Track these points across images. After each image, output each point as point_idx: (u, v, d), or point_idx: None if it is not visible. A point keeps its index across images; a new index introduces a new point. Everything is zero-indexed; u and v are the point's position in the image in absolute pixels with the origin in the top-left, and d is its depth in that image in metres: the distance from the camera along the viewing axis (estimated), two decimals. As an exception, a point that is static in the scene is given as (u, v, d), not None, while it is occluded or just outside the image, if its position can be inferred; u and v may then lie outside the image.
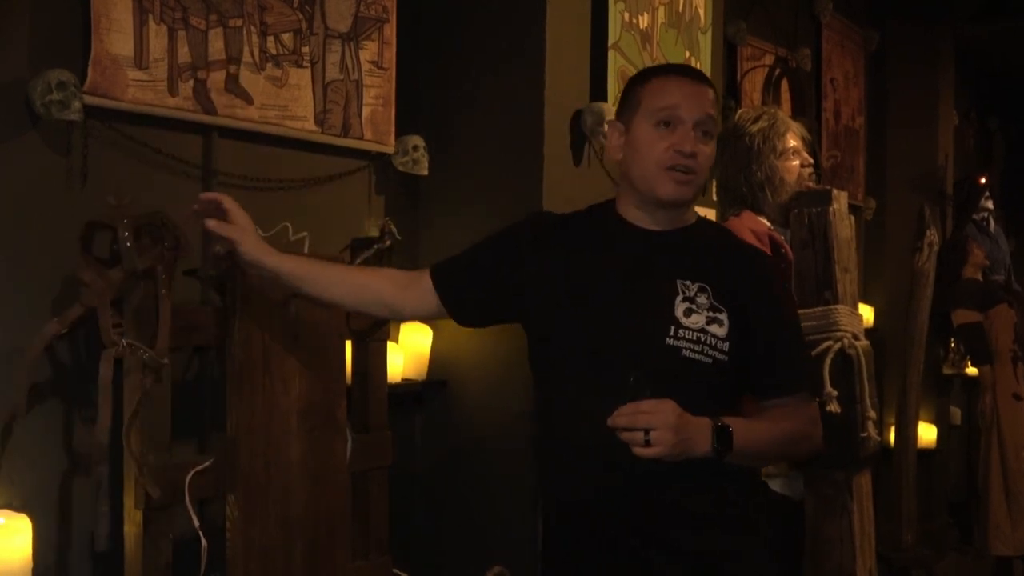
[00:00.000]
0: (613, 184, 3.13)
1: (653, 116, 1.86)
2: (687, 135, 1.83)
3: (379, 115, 2.82)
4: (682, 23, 3.45)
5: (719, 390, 1.84)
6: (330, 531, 2.35)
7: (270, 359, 2.23)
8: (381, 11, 2.83)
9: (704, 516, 1.84)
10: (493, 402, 2.94)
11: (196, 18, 2.38)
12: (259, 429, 2.21)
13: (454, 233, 2.99)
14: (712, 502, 1.84)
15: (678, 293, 1.83)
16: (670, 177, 1.84)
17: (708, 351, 1.80)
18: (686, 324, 1.80)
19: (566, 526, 1.92)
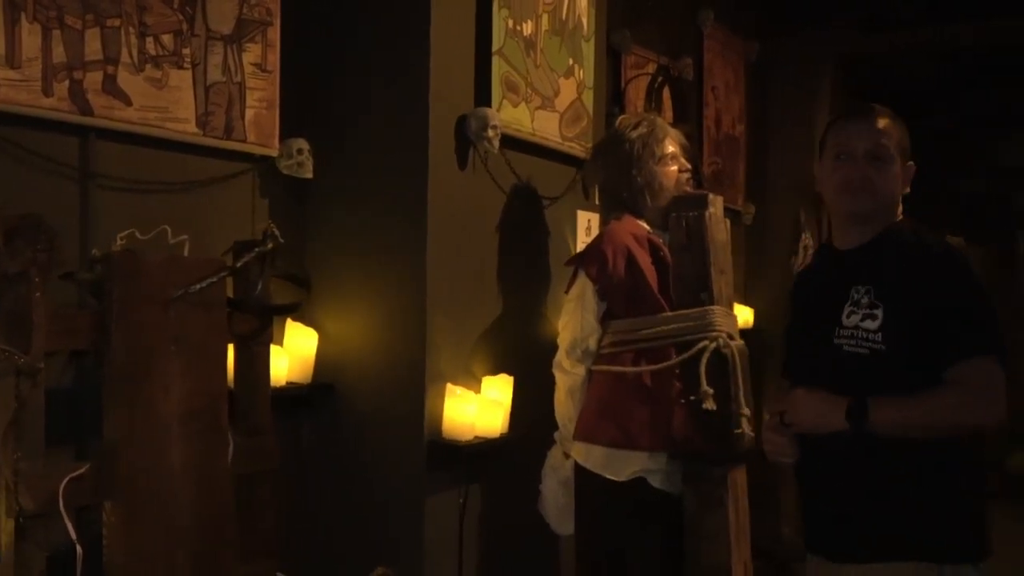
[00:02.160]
0: (497, 187, 3.18)
1: (832, 151, 2.24)
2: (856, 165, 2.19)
3: (263, 118, 2.80)
4: (565, 31, 3.50)
5: (885, 374, 2.07)
6: (215, 535, 2.32)
7: (150, 363, 2.20)
8: (265, 14, 2.81)
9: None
10: (379, 405, 2.94)
11: (72, 17, 2.33)
12: (139, 434, 2.17)
13: (341, 236, 3.00)
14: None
15: (848, 298, 2.14)
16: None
17: (863, 344, 2.09)
18: (846, 324, 2.12)
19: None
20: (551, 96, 3.42)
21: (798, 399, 2.16)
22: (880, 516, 2.10)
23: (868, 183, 2.18)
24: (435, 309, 2.92)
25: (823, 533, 2.21)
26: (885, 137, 2.20)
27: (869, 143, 2.19)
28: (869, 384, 2.08)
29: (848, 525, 2.14)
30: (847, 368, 2.11)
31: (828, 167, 2.24)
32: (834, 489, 2.16)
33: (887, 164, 2.20)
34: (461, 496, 3.02)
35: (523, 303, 3.31)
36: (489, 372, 3.11)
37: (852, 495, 2.14)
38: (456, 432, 2.92)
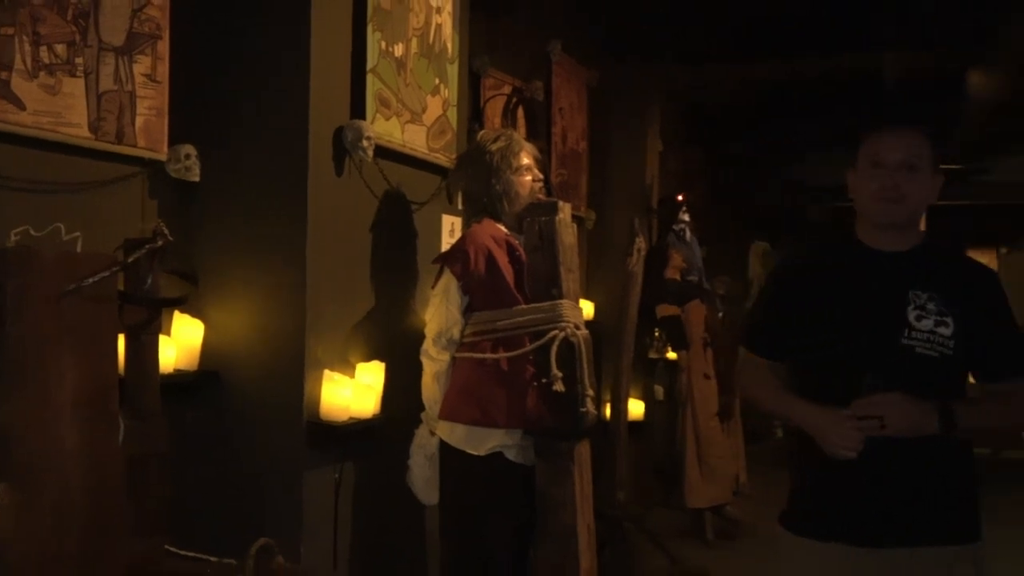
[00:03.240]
0: (371, 193, 3.13)
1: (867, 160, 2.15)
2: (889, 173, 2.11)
3: (152, 124, 2.68)
4: (432, 54, 3.48)
5: (950, 377, 2.06)
6: (106, 514, 2.20)
7: (44, 354, 2.07)
8: (155, 28, 2.69)
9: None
10: (261, 390, 2.85)
11: (-33, 25, 2.19)
12: (33, 420, 2.04)
13: (226, 235, 2.90)
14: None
15: (909, 302, 2.06)
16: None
17: (936, 348, 2.03)
18: (917, 327, 2.04)
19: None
20: (419, 111, 3.38)
21: (895, 405, 2.00)
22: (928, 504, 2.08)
23: (899, 192, 2.10)
24: (313, 302, 2.85)
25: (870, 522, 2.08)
26: (918, 146, 2.12)
27: (902, 153, 2.10)
28: (937, 385, 2.05)
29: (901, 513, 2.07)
30: (920, 369, 2.04)
31: (864, 174, 2.14)
32: (891, 483, 2.07)
33: (918, 173, 2.11)
34: (337, 472, 2.96)
35: (393, 297, 3.27)
36: (363, 359, 3.06)
37: (906, 487, 2.07)
38: (332, 414, 2.86)
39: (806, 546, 2.14)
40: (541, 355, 2.91)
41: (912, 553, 2.04)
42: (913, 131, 2.14)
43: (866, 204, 2.15)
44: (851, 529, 2.08)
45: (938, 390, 2.04)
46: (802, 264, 2.35)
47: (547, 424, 2.91)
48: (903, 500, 2.07)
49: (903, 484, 2.07)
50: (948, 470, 2.10)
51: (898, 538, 2.06)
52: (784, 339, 2.24)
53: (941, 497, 2.08)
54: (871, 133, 2.17)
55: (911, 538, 2.05)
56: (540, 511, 2.98)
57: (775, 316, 2.30)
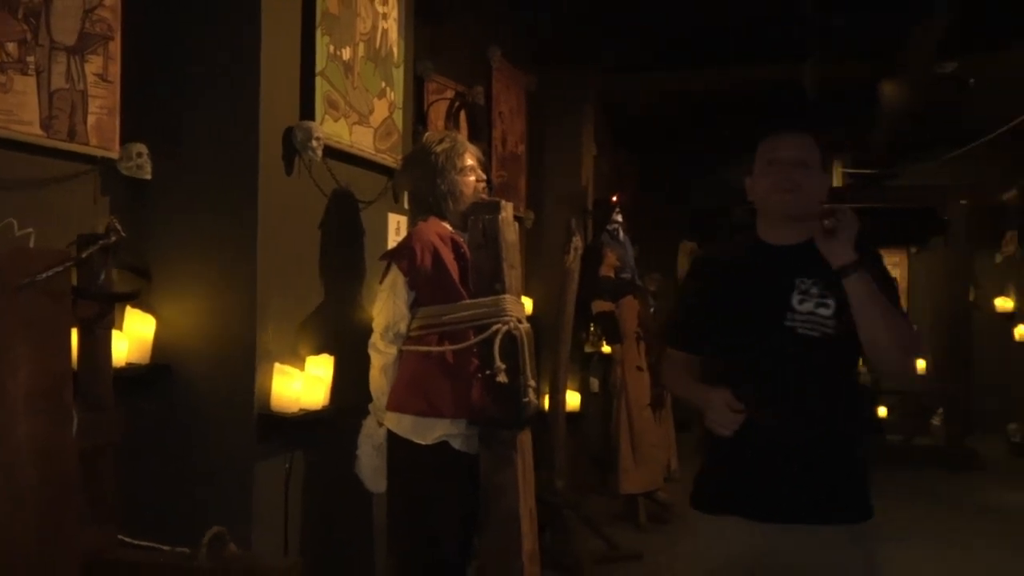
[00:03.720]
0: (320, 192, 3.10)
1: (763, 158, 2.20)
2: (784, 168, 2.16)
3: (104, 123, 2.62)
4: (379, 58, 3.45)
5: (832, 356, 2.09)
6: (60, 504, 2.15)
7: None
8: (106, 29, 2.63)
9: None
10: (213, 382, 2.81)
11: (-83, 22, 2.11)
12: (-15, 412, 1.99)
13: (179, 233, 2.85)
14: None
15: (794, 288, 2.10)
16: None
17: (816, 328, 2.08)
18: (799, 309, 2.09)
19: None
20: (366, 113, 3.36)
21: (847, 215, 2.04)
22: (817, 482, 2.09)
23: (795, 183, 2.14)
24: (264, 297, 2.82)
25: (759, 497, 2.12)
26: (809, 147, 2.19)
27: (795, 151, 2.17)
28: (821, 362, 2.09)
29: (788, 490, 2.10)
30: (800, 347, 2.09)
31: (761, 172, 2.19)
32: (777, 459, 2.10)
33: (810, 171, 2.17)
34: (287, 462, 2.93)
35: (342, 292, 3.24)
36: (312, 352, 3.03)
37: (793, 464, 2.09)
38: (283, 405, 2.82)
39: (710, 521, 2.19)
40: (485, 348, 2.91)
41: (807, 530, 2.07)
42: (804, 134, 2.21)
43: (764, 199, 2.20)
44: (747, 504, 2.12)
45: (822, 366, 2.10)
46: (710, 262, 2.42)
47: (491, 414, 2.91)
48: (795, 478, 2.10)
49: (796, 463, 2.10)
50: (839, 452, 2.12)
51: (791, 514, 2.09)
52: (695, 333, 2.31)
53: (832, 477, 2.11)
54: (767, 137, 2.24)
55: (803, 515, 2.08)
56: (484, 497, 2.98)
57: (687, 312, 2.37)
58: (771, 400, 2.10)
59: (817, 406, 2.10)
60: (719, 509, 2.18)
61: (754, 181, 2.23)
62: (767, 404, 2.09)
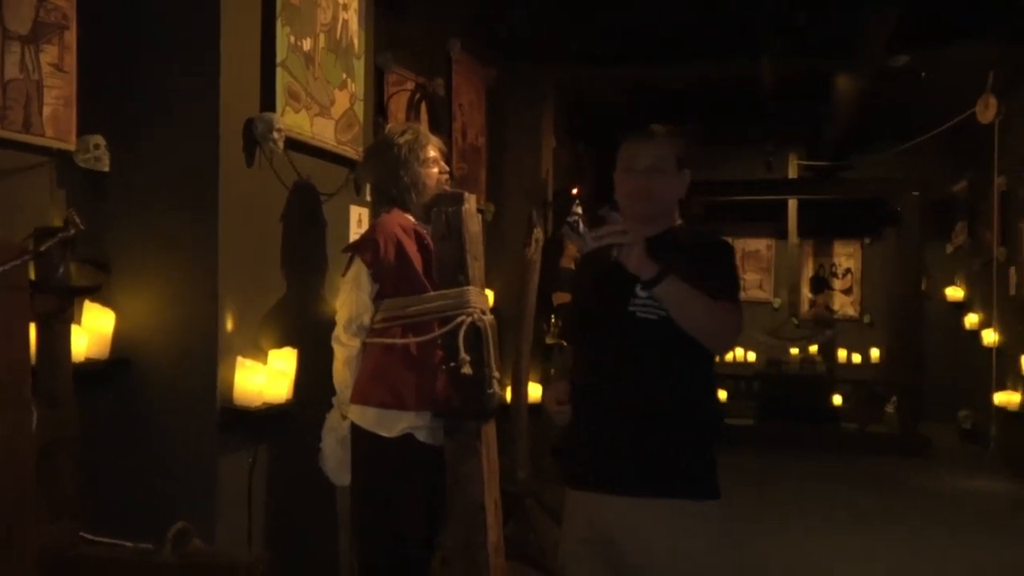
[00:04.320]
0: (281, 184, 3.08)
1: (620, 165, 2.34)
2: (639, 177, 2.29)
3: (60, 114, 2.57)
4: (340, 49, 3.43)
5: (669, 337, 2.17)
6: (18, 500, 2.11)
7: (-47, 341, 1.97)
8: (61, 18, 2.58)
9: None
10: (174, 377, 2.77)
11: None
12: (-58, 408, 1.95)
13: (138, 225, 2.81)
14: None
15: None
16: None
17: (653, 311, 2.18)
18: (640, 295, 2.18)
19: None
20: (328, 105, 3.33)
21: (633, 236, 2.12)
22: (655, 457, 2.20)
23: (649, 191, 2.28)
24: (225, 290, 2.79)
25: (607, 471, 2.24)
26: (663, 152, 2.31)
27: (650, 159, 2.30)
28: (660, 344, 2.20)
29: (630, 464, 2.21)
30: (640, 330, 2.20)
31: (619, 178, 2.34)
32: (621, 436, 2.22)
33: (664, 175, 2.30)
34: (251, 456, 2.90)
35: (304, 285, 3.22)
36: (275, 345, 3.01)
37: (635, 440, 2.20)
38: (246, 399, 2.80)
39: (575, 496, 2.34)
40: (449, 339, 2.91)
41: (653, 503, 2.19)
42: (656, 141, 2.33)
43: (623, 202, 2.33)
44: (601, 478, 2.25)
45: (661, 348, 2.21)
46: (587, 258, 2.48)
47: (455, 405, 2.91)
48: (638, 453, 2.21)
49: (637, 439, 2.21)
50: (679, 428, 2.22)
51: (637, 488, 2.20)
52: (571, 326, 2.47)
53: (672, 452, 2.21)
54: (625, 142, 2.37)
55: (648, 488, 2.20)
56: (449, 487, 2.98)
57: (568, 307, 2.53)
58: (614, 380, 2.24)
59: (654, 384, 2.22)
60: (580, 484, 2.31)
61: (616, 182, 2.36)
62: (610, 383, 2.24)
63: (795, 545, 5.23)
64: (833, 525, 5.67)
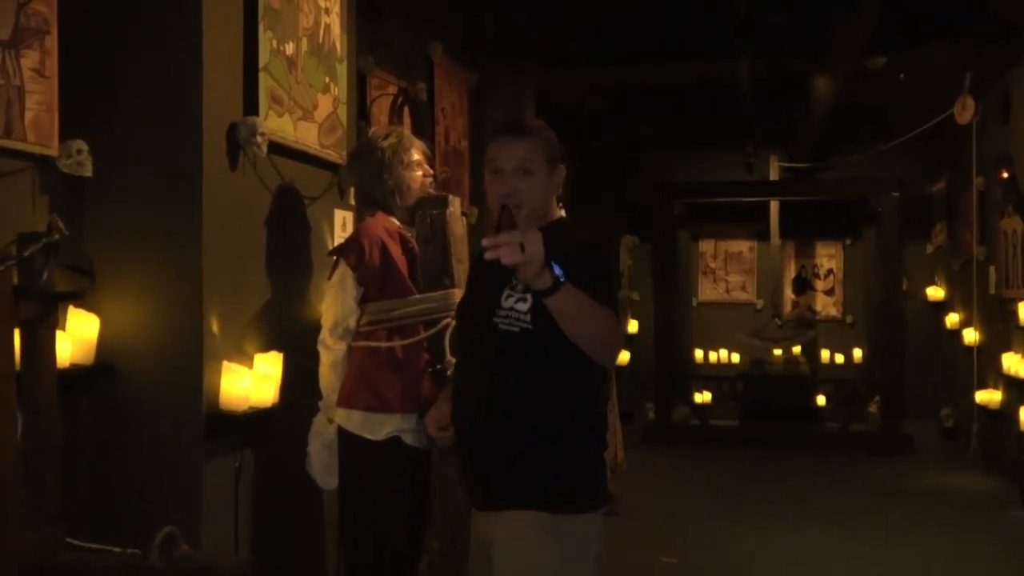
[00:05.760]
0: (264, 188, 3.08)
1: (488, 166, 2.19)
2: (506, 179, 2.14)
3: (42, 119, 2.56)
4: (322, 53, 3.43)
5: (531, 350, 2.07)
6: (1, 506, 2.11)
7: (-64, 347, 1.97)
8: (42, 23, 2.57)
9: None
10: (159, 382, 2.77)
11: None
12: (-74, 415, 1.94)
13: (121, 229, 2.81)
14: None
15: (510, 281, 2.07)
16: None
17: (515, 323, 2.07)
18: (504, 305, 2.08)
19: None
20: (311, 109, 3.34)
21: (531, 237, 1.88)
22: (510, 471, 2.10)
23: (518, 193, 2.12)
24: (210, 295, 2.79)
25: (473, 485, 2.20)
26: (530, 151, 2.15)
27: (516, 160, 2.14)
28: (520, 357, 2.08)
29: (488, 478, 2.14)
30: (502, 344, 2.09)
31: (488, 181, 2.20)
32: (481, 450, 2.14)
33: (533, 175, 2.15)
34: (237, 460, 2.90)
35: (289, 289, 3.22)
36: (261, 349, 3.01)
37: (493, 454, 2.11)
38: (232, 403, 2.80)
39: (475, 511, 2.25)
40: (435, 342, 2.91)
41: (512, 515, 2.09)
42: (522, 138, 2.18)
43: (492, 206, 2.18)
44: (474, 494, 2.22)
45: (523, 363, 2.08)
46: (476, 260, 2.35)
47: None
48: (499, 469, 2.12)
49: (498, 455, 2.11)
50: (540, 442, 2.10)
51: (498, 502, 2.12)
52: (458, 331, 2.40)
53: (532, 466, 2.09)
54: (490, 144, 2.22)
55: (508, 502, 2.10)
56: (436, 490, 2.99)
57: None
58: (478, 395, 2.14)
59: (510, 399, 2.10)
60: (472, 500, 2.25)
61: (487, 187, 2.22)
62: (476, 397, 2.14)
63: (776, 543, 5.26)
64: (814, 522, 5.71)
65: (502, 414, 2.11)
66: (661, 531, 5.56)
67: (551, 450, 2.10)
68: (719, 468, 7.51)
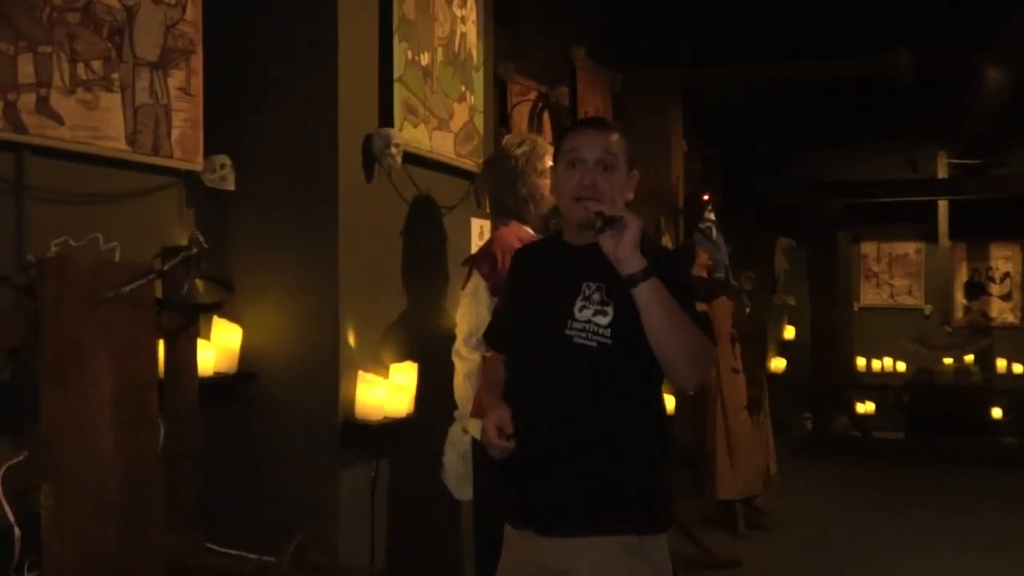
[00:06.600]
0: (400, 198, 3.09)
1: (565, 158, 2.05)
2: (587, 171, 2.00)
3: (188, 136, 2.65)
4: (458, 62, 3.42)
5: (612, 367, 1.95)
6: (143, 512, 2.18)
7: (81, 358, 2.05)
8: (188, 43, 2.66)
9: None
10: (298, 391, 2.82)
11: (3, 44, 2.16)
12: (71, 423, 2.02)
13: (262, 242, 2.87)
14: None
15: (580, 293, 1.97)
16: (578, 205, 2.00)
17: (593, 337, 1.94)
18: (578, 317, 1.96)
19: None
20: (446, 118, 3.33)
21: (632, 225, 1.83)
22: (588, 494, 1.97)
23: (596, 189, 1.99)
24: (346, 305, 2.81)
25: (536, 510, 2.03)
26: (614, 147, 2.03)
27: (599, 152, 2.02)
28: (600, 374, 1.96)
29: (560, 502, 1.99)
30: (578, 359, 1.96)
31: (562, 174, 2.06)
32: (550, 471, 1.99)
33: (613, 172, 2.02)
34: (372, 470, 2.91)
35: (424, 299, 3.22)
36: (396, 359, 3.01)
37: (565, 476, 1.98)
38: (367, 413, 2.81)
39: (511, 532, 2.12)
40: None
41: (588, 542, 1.96)
42: (607, 132, 2.07)
43: (565, 202, 2.06)
44: (534, 518, 2.04)
45: (598, 378, 1.96)
46: (522, 260, 2.26)
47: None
48: (570, 492, 1.98)
49: (570, 477, 1.98)
50: (615, 464, 1.98)
51: (570, 528, 1.98)
52: (501, 332, 2.26)
53: (607, 490, 1.98)
54: (569, 135, 2.11)
55: (581, 528, 1.97)
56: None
57: (499, 311, 2.30)
58: (546, 412, 1.98)
59: (588, 417, 1.97)
60: (515, 521, 2.10)
61: (556, 180, 2.10)
62: (543, 416, 1.98)
63: (942, 572, 4.90)
64: (985, 548, 5.28)
65: (580, 434, 1.97)
66: (812, 550, 5.27)
67: (634, 471, 1.99)
68: (881, 484, 7.08)
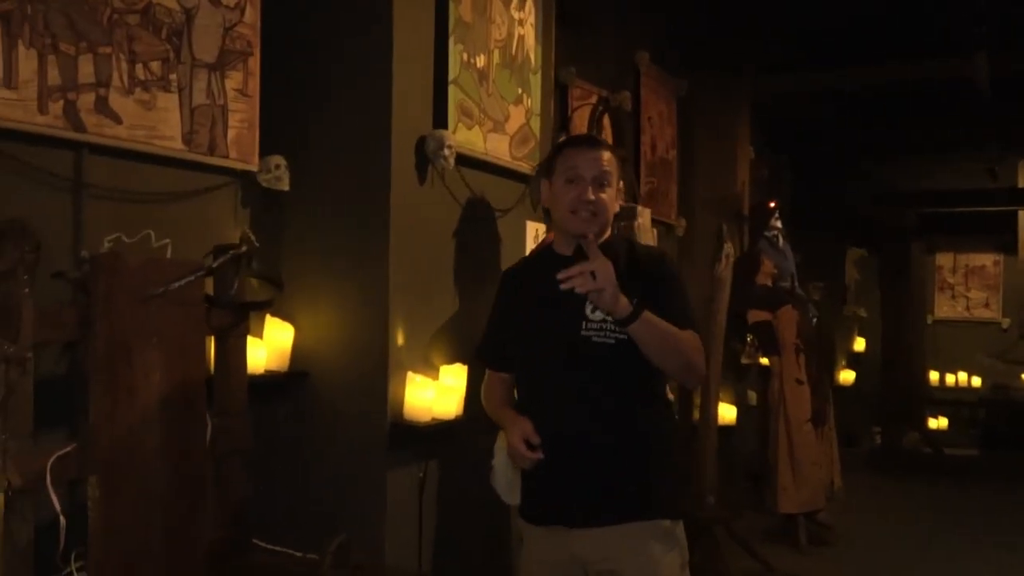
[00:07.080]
0: (454, 200, 3.08)
1: (563, 175, 2.17)
2: (585, 187, 2.14)
3: (244, 137, 2.68)
4: (515, 65, 3.40)
5: (632, 360, 2.07)
6: (190, 507, 2.20)
7: (131, 353, 2.08)
8: (246, 45, 2.70)
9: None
10: (347, 390, 2.82)
11: (65, 44, 2.21)
12: (120, 416, 2.05)
13: (315, 242, 2.89)
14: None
15: (586, 296, 2.02)
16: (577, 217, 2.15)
17: (610, 335, 2.08)
18: (592, 318, 2.09)
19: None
20: (502, 121, 3.31)
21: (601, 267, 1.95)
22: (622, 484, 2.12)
23: (594, 204, 2.14)
24: (397, 306, 2.81)
25: (568, 506, 2.15)
26: (608, 164, 2.17)
27: (596, 170, 2.15)
28: (618, 370, 2.10)
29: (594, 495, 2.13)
30: (597, 355, 2.10)
31: (559, 189, 2.18)
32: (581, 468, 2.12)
33: (608, 188, 2.17)
34: (420, 471, 2.90)
35: (476, 301, 3.19)
36: (446, 361, 3.00)
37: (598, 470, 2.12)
38: (416, 414, 2.80)
39: (535, 532, 2.24)
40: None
41: (619, 530, 2.11)
42: (601, 150, 2.19)
43: (562, 215, 2.18)
44: (562, 513, 2.16)
45: (619, 374, 2.11)
46: (513, 277, 2.40)
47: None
48: (600, 484, 2.12)
49: (599, 469, 2.12)
50: (640, 454, 2.14)
51: (602, 518, 2.12)
52: (501, 349, 2.33)
53: (635, 478, 2.12)
54: (565, 151, 2.22)
55: (613, 517, 2.11)
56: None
57: (494, 329, 2.38)
58: (573, 411, 2.12)
59: (614, 411, 2.12)
60: (540, 520, 2.22)
61: (552, 195, 2.22)
62: (570, 416, 2.12)
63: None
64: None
65: (609, 427, 2.11)
66: (876, 568, 5.11)
67: (660, 458, 2.16)
68: (951, 502, 6.84)
